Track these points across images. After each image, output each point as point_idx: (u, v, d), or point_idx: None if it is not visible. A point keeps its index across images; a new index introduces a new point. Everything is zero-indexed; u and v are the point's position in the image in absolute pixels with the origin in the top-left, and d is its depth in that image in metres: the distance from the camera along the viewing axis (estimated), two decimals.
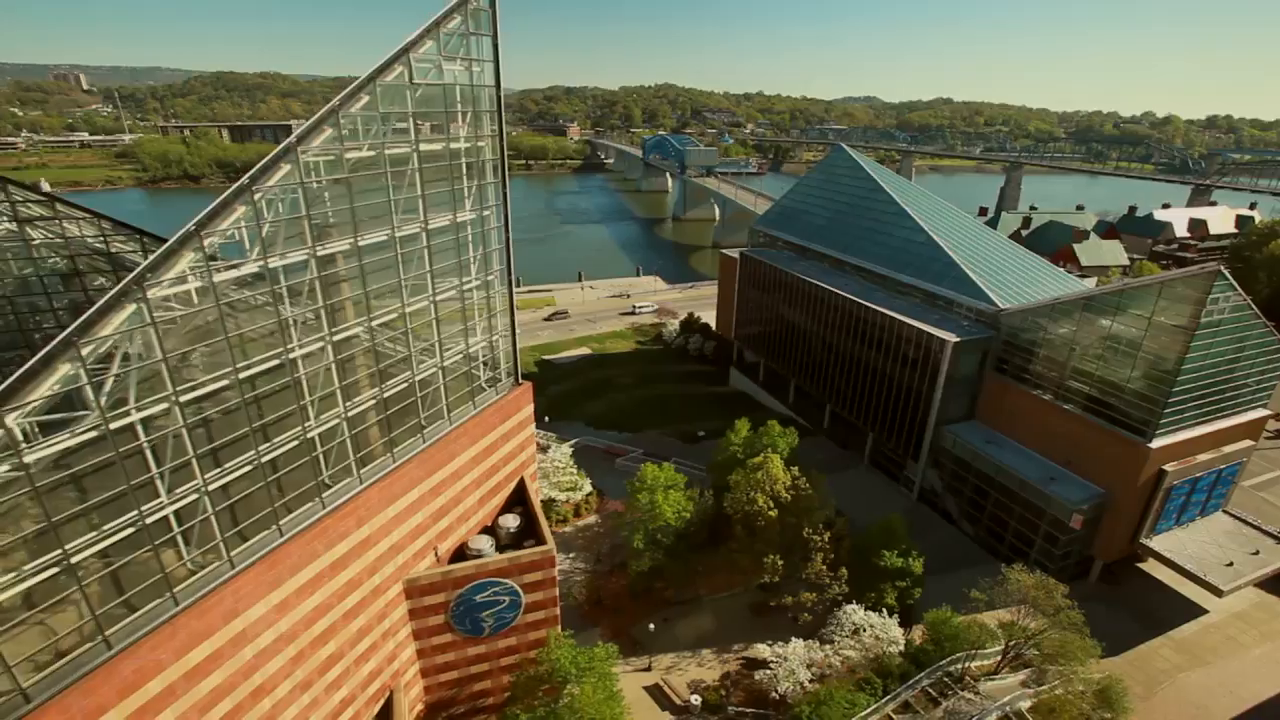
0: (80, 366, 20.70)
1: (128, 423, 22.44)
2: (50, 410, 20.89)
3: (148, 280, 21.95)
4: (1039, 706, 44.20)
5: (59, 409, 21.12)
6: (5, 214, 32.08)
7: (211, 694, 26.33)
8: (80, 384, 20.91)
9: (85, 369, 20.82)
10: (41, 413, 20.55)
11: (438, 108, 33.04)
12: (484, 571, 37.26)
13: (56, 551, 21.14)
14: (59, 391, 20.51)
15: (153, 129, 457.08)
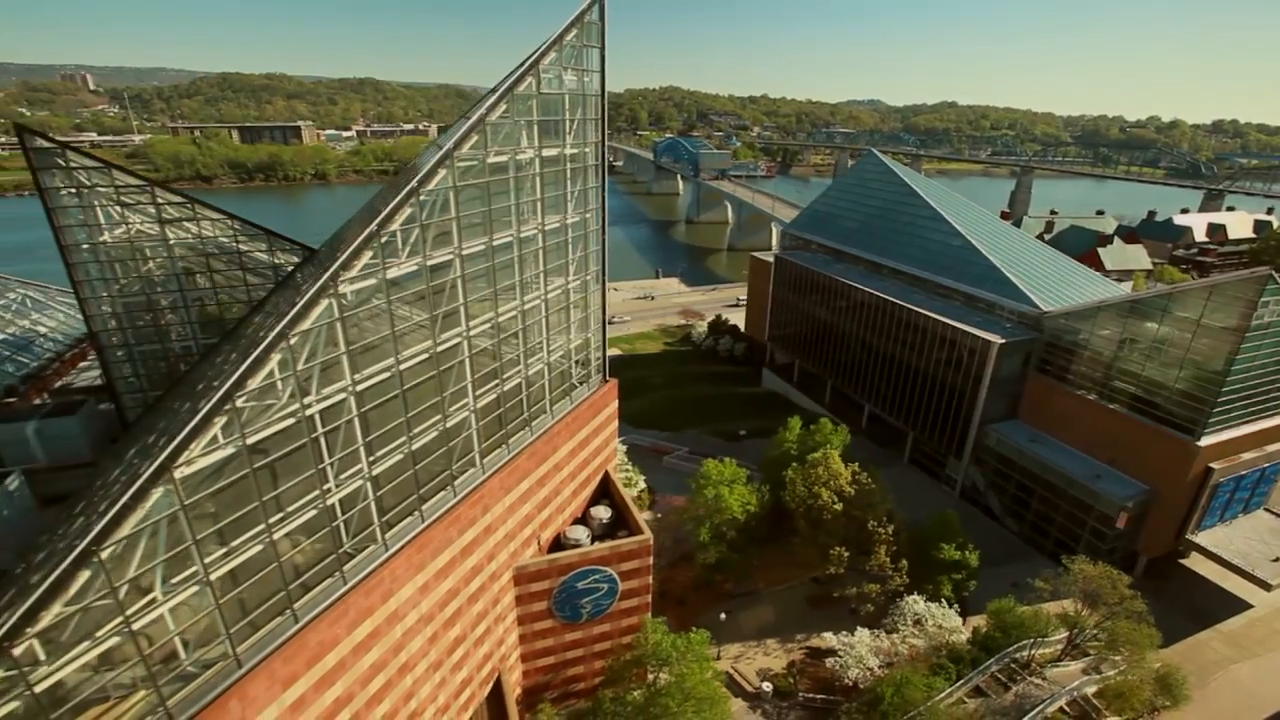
0: (290, 355, 22.33)
1: (315, 410, 24.04)
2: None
3: (341, 277, 23.59)
4: (1103, 692, 45.87)
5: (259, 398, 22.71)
6: (150, 215, 33.69)
7: (370, 669, 27.93)
8: (288, 373, 22.52)
9: (293, 358, 22.46)
10: (255, 399, 22.14)
11: (555, 115, 34.75)
12: (587, 559, 38.89)
13: (260, 527, 22.74)
14: (269, 380, 22.12)
15: (161, 129, 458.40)
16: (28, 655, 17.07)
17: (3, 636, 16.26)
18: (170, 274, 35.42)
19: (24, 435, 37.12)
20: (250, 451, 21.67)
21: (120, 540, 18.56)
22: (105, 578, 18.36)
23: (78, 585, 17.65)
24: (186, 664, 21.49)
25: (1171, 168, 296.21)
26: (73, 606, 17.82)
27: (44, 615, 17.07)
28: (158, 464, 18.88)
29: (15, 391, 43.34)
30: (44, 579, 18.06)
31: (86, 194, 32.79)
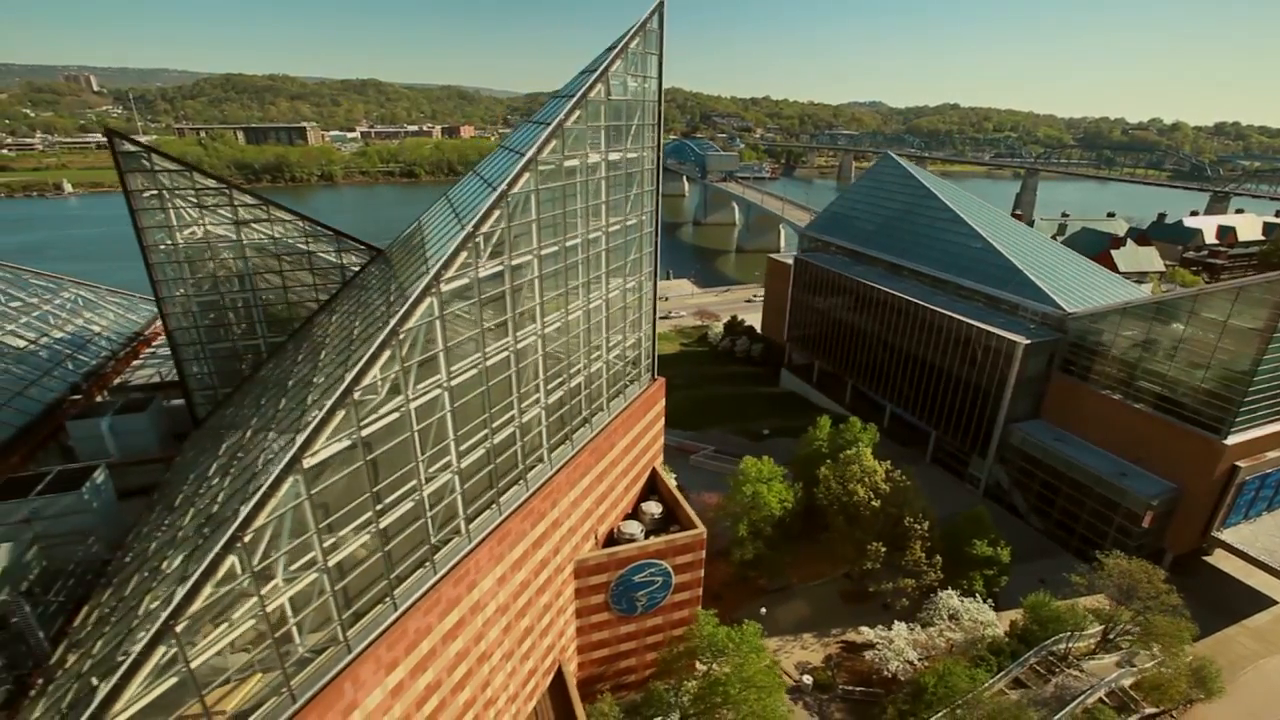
0: (398, 352, 23.29)
1: (415, 406, 24.99)
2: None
3: (442, 277, 24.56)
4: (1140, 684, 46.87)
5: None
6: (226, 216, 34.65)
7: (455, 657, 28.87)
8: (394, 369, 23.47)
9: (400, 354, 23.42)
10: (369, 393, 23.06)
11: (619, 120, 35.74)
12: (645, 553, 39.86)
13: (369, 515, 23.69)
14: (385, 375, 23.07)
15: (165, 130, 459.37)
16: (186, 634, 18.00)
17: (169, 615, 17.18)
18: (242, 273, 36.38)
19: (99, 431, 38.09)
20: (362, 444, 22.60)
21: (257, 527, 19.47)
22: (246, 561, 19.29)
23: (224, 569, 18.57)
24: (303, 648, 22.40)
25: (1174, 170, 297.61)
26: (221, 589, 18.73)
27: (198, 597, 17.98)
28: (291, 455, 19.80)
29: (79, 389, 44.22)
30: (194, 562, 19.04)
31: (167, 195, 33.68)
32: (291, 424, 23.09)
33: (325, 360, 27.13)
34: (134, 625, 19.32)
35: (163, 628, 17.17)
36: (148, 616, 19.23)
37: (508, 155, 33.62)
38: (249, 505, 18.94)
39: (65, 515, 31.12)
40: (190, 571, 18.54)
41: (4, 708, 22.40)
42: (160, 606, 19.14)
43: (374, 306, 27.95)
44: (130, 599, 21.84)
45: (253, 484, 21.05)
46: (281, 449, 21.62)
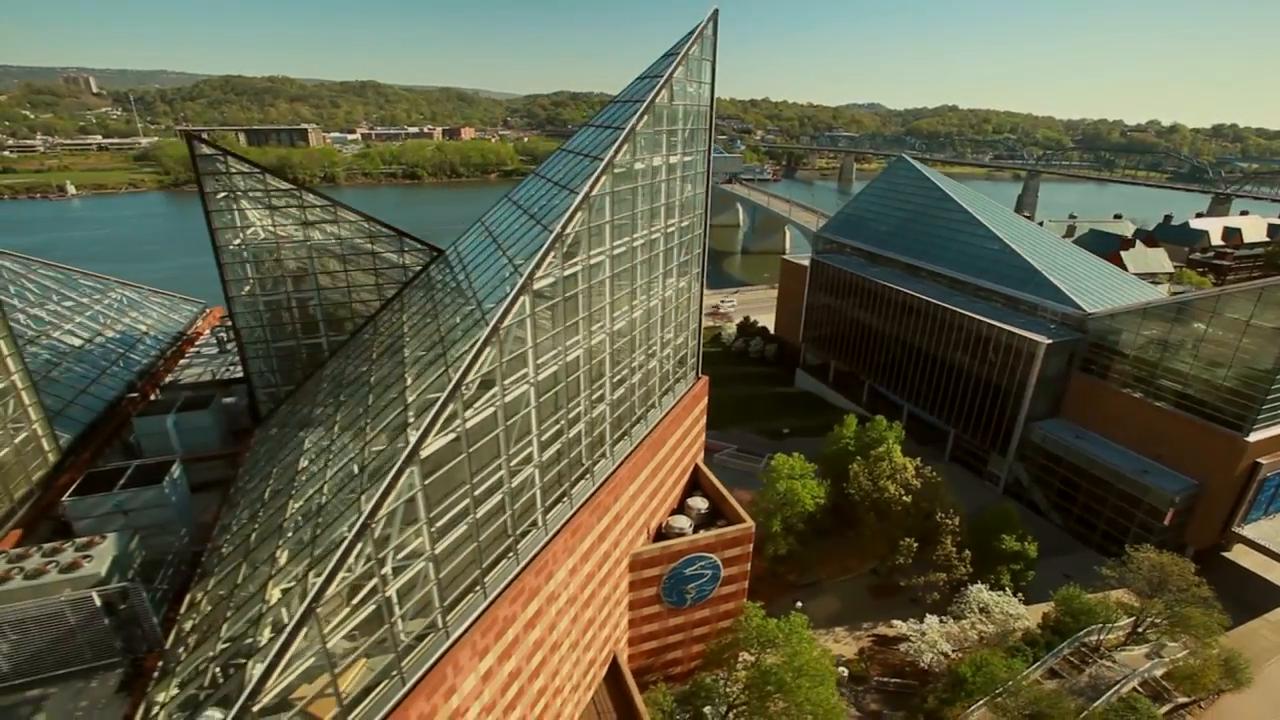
0: (498, 349, 24.25)
1: (506, 401, 25.95)
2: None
3: (535, 276, 25.53)
4: (1172, 674, 48.01)
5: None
6: (295, 217, 35.57)
7: (533, 645, 29.82)
8: (495, 366, 24.43)
9: (500, 352, 24.38)
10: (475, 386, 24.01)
11: (678, 125, 36.80)
12: (695, 546, 40.85)
13: (466, 503, 24.62)
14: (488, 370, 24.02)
15: (166, 132, 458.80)
16: (324, 619, 18.93)
17: (312, 599, 18.11)
18: (307, 273, 37.28)
19: (164, 428, 38.95)
20: (466, 437, 23.54)
21: (381, 517, 20.39)
22: (373, 549, 20.21)
23: (354, 555, 19.48)
24: (408, 634, 23.32)
25: (1173, 172, 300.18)
26: (351, 575, 19.64)
27: (334, 583, 18.90)
28: (411, 447, 20.72)
29: (135, 387, 45.06)
30: (320, 551, 19.98)
31: (239, 196, 34.59)
32: (396, 419, 24.02)
33: (411, 357, 28.05)
34: (264, 611, 20.21)
35: (306, 611, 18.08)
36: (280, 602, 20.16)
37: (575, 158, 34.63)
38: (375, 495, 19.86)
39: (148, 508, 32.02)
40: (320, 559, 19.49)
41: (123, 688, 23.28)
42: (291, 593, 20.10)
43: (458, 305, 28.87)
44: (245, 586, 22.74)
45: (366, 476, 22.00)
46: (392, 442, 22.57)
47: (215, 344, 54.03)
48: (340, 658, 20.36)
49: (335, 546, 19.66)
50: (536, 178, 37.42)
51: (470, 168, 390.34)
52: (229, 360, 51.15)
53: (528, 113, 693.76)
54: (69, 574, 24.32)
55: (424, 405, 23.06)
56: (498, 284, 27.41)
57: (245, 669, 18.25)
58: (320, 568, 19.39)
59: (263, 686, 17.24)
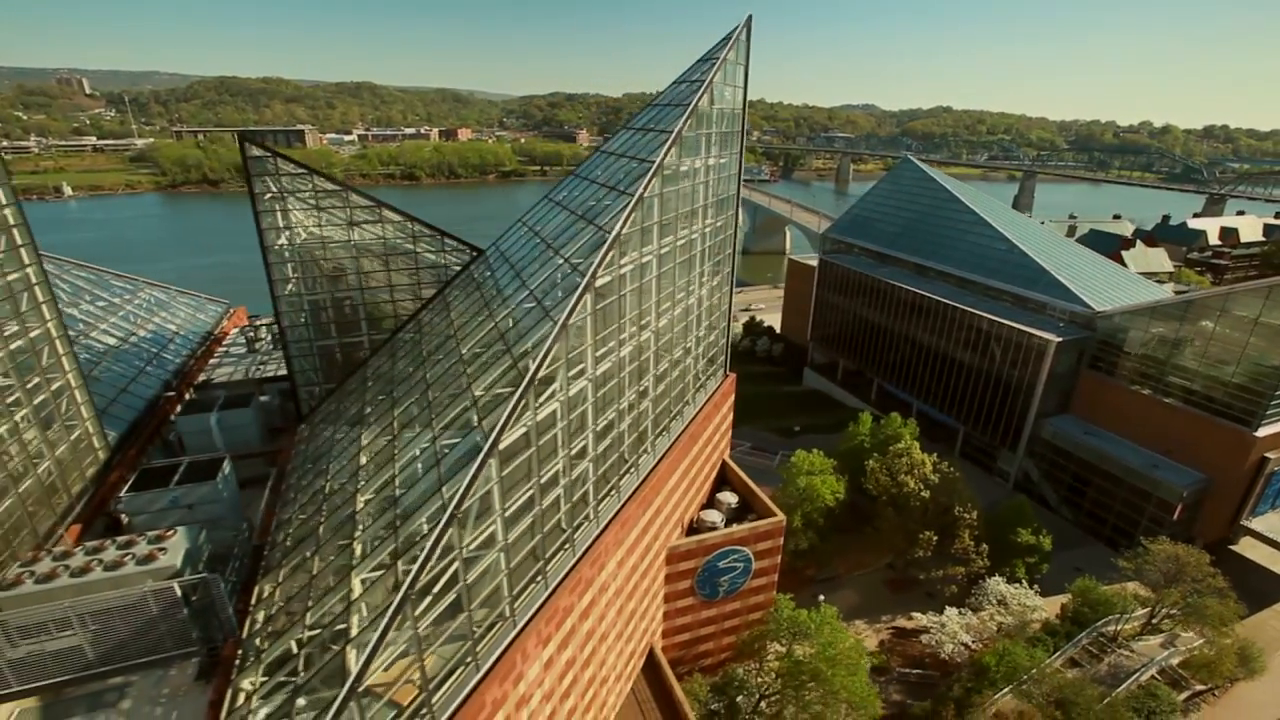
0: (564, 346, 25.06)
1: (568, 395, 26.75)
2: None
3: (597, 274, 26.35)
4: (1188, 663, 49.26)
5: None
6: (341, 218, 36.26)
7: (585, 635, 30.62)
8: (560, 361, 25.23)
9: (566, 348, 25.19)
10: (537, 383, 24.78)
11: (716, 128, 37.69)
12: (729, 539, 41.73)
13: (533, 493, 25.41)
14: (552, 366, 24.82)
15: (162, 133, 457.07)
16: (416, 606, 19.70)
17: (408, 586, 18.86)
18: (351, 272, 37.97)
19: (207, 426, 39.53)
20: (535, 431, 24.33)
21: (466, 508, 21.15)
22: (459, 539, 20.99)
23: (443, 543, 20.24)
24: (482, 622, 24.07)
25: (1166, 172, 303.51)
26: (439, 565, 20.40)
27: (426, 569, 19.66)
28: (491, 439, 21.48)
29: (171, 386, 45.58)
30: (404, 543, 20.74)
31: (286, 197, 35.25)
32: (462, 414, 24.77)
33: (469, 354, 28.78)
34: (350, 599, 20.89)
35: (404, 598, 18.84)
36: (366, 591, 20.86)
37: (618, 159, 35.47)
38: (461, 486, 20.62)
39: (203, 504, 32.66)
40: (406, 549, 20.26)
41: (201, 676, 23.95)
42: (378, 581, 20.83)
43: (515, 303, 29.61)
44: (322, 577, 23.40)
45: (443, 469, 22.74)
46: (465, 436, 23.33)
47: (244, 344, 54.53)
48: (426, 644, 21.08)
49: (423, 536, 20.44)
50: (577, 179, 38.21)
51: (468, 168, 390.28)
52: (258, 359, 51.71)
53: (524, 114, 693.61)
54: (145, 566, 24.97)
55: (494, 400, 23.81)
56: (556, 282, 28.20)
57: (337, 654, 18.97)
58: (409, 556, 20.15)
59: (366, 670, 17.97)
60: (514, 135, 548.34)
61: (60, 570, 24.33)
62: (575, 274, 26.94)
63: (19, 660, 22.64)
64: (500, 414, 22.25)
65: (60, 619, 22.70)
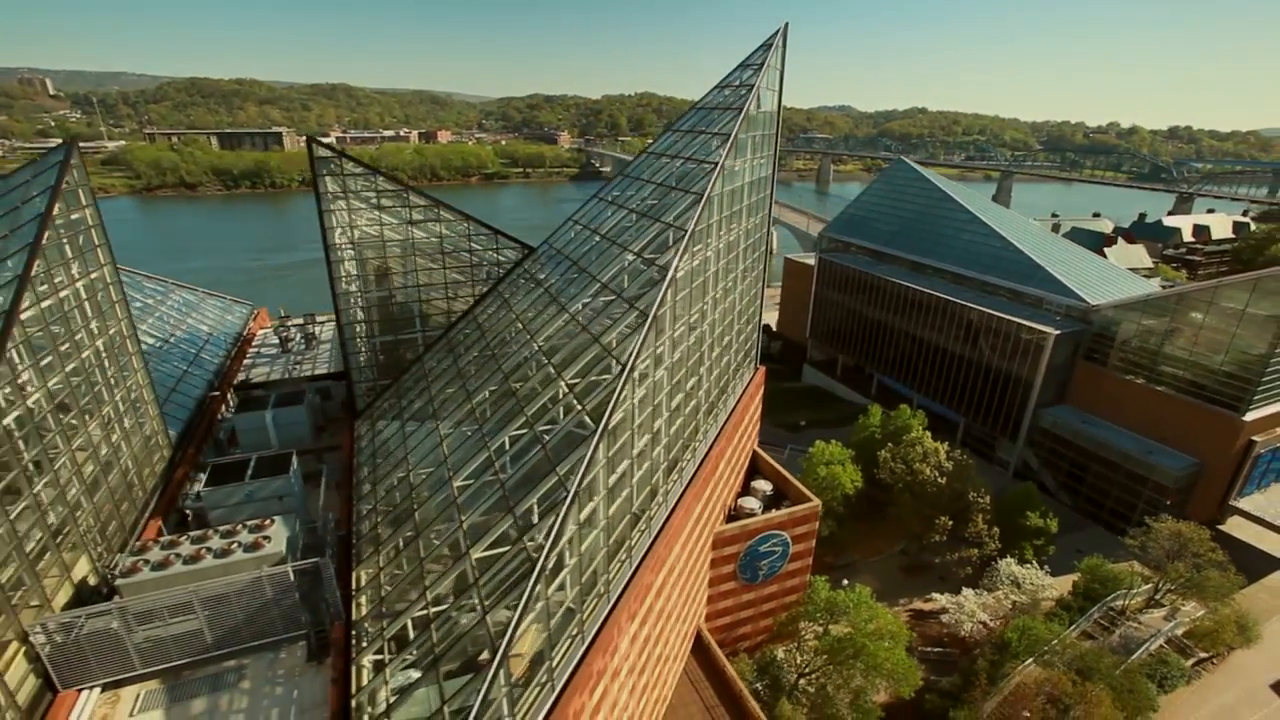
0: (652, 336, 26.59)
1: (654, 381, 28.29)
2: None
3: (677, 268, 27.93)
4: (1192, 633, 52.32)
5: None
6: (401, 217, 37.30)
7: (657, 614, 32.11)
8: (649, 350, 26.75)
9: (655, 336, 26.73)
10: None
11: (758, 131, 39.50)
12: (770, 524, 43.55)
13: (625, 474, 26.89)
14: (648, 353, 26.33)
15: (133, 135, 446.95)
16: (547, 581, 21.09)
17: (543, 563, 20.23)
18: (408, 270, 39.03)
19: (263, 423, 40.27)
20: (632, 415, 25.87)
21: (586, 485, 22.58)
22: (576, 517, 22.41)
23: (569, 518, 21.64)
24: (584, 596, 25.49)
25: (1134, 171, 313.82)
26: (560, 543, 21.79)
27: (558, 545, 21.06)
28: (603, 424, 22.92)
29: (213, 386, 46.08)
30: (523, 520, 22.13)
31: (350, 196, 36.23)
32: (556, 400, 26.19)
33: (549, 345, 30.14)
34: (475, 577, 22.11)
35: (540, 571, 20.21)
36: (491, 567, 22.13)
37: (670, 160, 37.09)
38: (580, 466, 22.04)
39: (276, 497, 33.54)
40: (528, 529, 21.64)
41: (312, 658, 24.98)
42: (501, 559, 22.10)
43: (593, 296, 31.02)
44: (434, 557, 24.58)
45: (550, 450, 24.12)
46: (567, 420, 24.73)
47: (275, 344, 55.02)
48: (550, 617, 22.44)
49: (544, 514, 21.84)
50: (628, 179, 39.65)
51: (450, 171, 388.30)
52: (291, 359, 52.33)
53: (503, 115, 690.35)
54: (253, 553, 25.94)
55: (590, 386, 25.29)
56: (634, 275, 29.70)
57: (469, 630, 20.26)
58: (533, 534, 21.51)
59: (512, 642, 19.29)
60: (494, 137, 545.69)
61: (173, 559, 25.21)
62: (653, 268, 28.49)
63: (142, 644, 23.51)
64: (604, 398, 23.73)
65: (181, 604, 23.62)
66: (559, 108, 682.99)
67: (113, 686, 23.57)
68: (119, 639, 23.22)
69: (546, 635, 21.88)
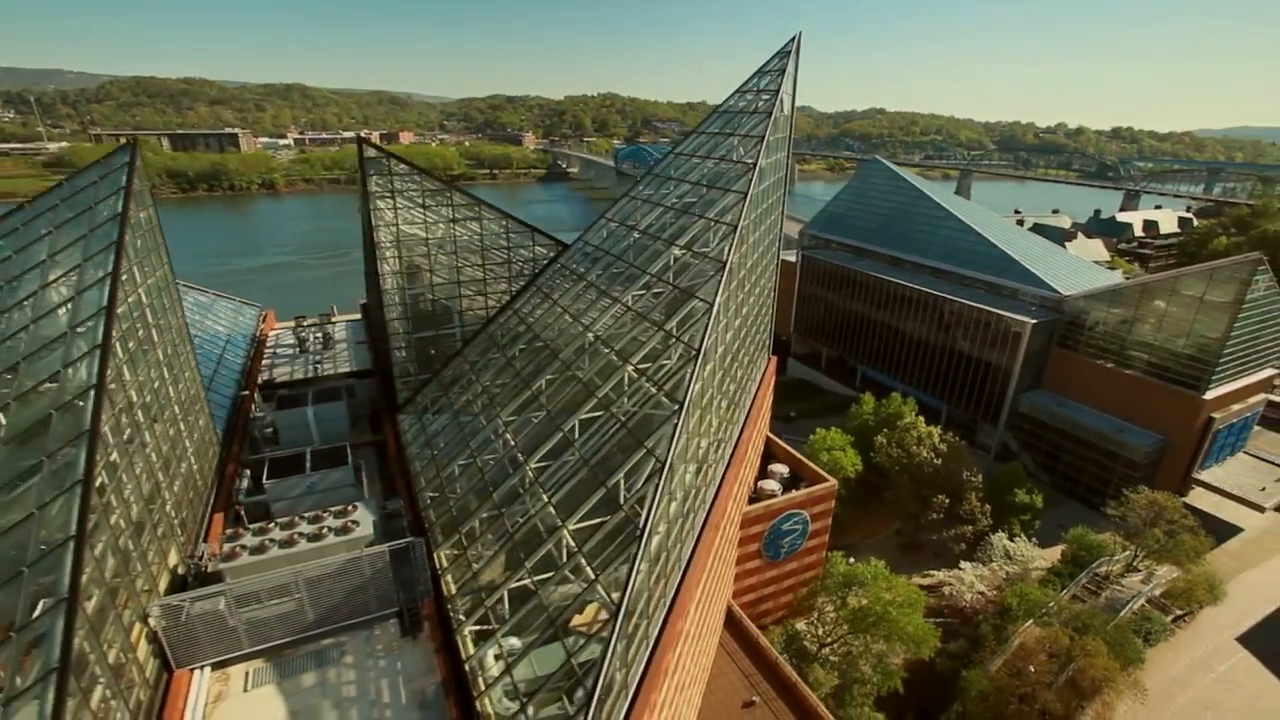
0: (716, 320, 28.68)
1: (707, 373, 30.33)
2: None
3: (731, 260, 30.07)
4: (1169, 593, 56.92)
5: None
6: (445, 215, 38.51)
7: (704, 584, 34.10)
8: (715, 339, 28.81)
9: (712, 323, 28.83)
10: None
11: (779, 133, 41.95)
12: (791, 504, 46.09)
13: (694, 452, 28.89)
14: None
15: (75, 136, 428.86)
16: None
17: (644, 528, 22.12)
18: (449, 266, 40.25)
19: (305, 420, 41.02)
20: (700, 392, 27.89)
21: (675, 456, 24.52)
22: (666, 490, 24.35)
23: (663, 488, 23.56)
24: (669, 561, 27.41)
25: (1082, 170, 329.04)
26: (654, 515, 23.67)
27: (655, 511, 22.97)
28: (686, 399, 24.93)
29: (242, 386, 46.43)
30: (611, 492, 23.99)
31: (396, 195, 37.37)
32: (625, 384, 28.06)
33: (607, 333, 31.96)
34: (575, 548, 23.83)
35: (648, 536, 22.11)
36: (590, 538, 23.88)
37: (701, 160, 39.27)
38: (671, 438, 24.00)
39: (336, 488, 34.62)
40: (623, 501, 23.50)
41: (405, 633, 26.33)
42: (599, 530, 23.88)
43: (646, 287, 32.93)
44: (522, 534, 26.18)
45: (633, 426, 25.99)
46: (651, 400, 26.64)
47: (291, 344, 55.32)
48: (650, 579, 24.30)
49: (640, 486, 23.73)
50: (657, 178, 41.66)
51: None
52: (311, 359, 52.79)
53: (465, 116, 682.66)
54: (343, 536, 27.14)
55: (661, 369, 27.27)
56: (684, 268, 31.75)
57: (579, 596, 22.09)
58: (630, 504, 23.38)
59: (630, 602, 21.12)
60: (457, 138, 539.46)
61: (268, 544, 26.24)
62: (707, 260, 30.62)
63: (247, 624, 24.56)
64: (679, 379, 25.75)
65: (284, 584, 24.74)
66: (521, 108, 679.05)
67: (221, 665, 24.55)
68: (225, 620, 24.24)
69: (645, 596, 23.75)
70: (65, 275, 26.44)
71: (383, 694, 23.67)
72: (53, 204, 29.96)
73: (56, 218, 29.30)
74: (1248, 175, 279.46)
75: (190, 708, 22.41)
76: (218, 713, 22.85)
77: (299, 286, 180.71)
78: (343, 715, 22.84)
